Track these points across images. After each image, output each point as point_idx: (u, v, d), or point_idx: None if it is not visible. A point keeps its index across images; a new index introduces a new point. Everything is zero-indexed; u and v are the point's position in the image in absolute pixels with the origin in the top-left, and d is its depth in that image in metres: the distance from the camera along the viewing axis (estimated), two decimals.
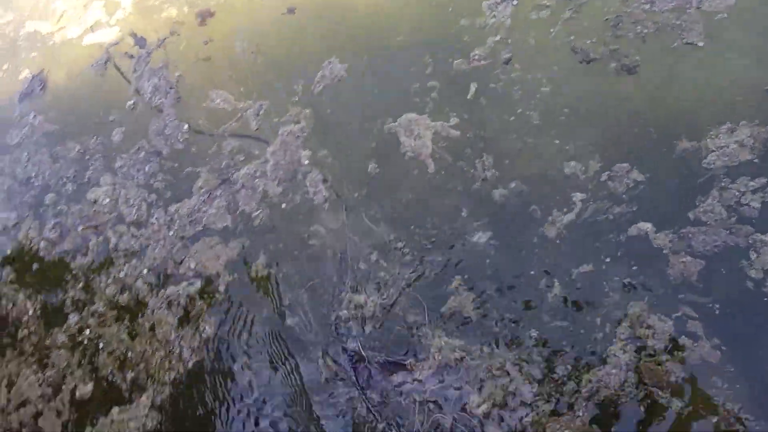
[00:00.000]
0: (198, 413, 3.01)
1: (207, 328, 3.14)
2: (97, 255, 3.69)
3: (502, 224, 2.95)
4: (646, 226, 2.71)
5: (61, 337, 3.47)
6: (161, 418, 3.04)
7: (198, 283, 3.27)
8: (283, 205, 3.36)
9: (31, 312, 3.66)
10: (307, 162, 3.41)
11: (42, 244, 3.87)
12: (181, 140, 3.78)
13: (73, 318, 3.52)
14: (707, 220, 2.64)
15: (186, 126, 3.81)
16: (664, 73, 3.05)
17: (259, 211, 3.34)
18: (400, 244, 3.02)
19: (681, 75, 3.01)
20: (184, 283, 3.28)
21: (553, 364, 2.57)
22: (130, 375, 3.20)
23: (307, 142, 3.51)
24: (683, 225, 2.67)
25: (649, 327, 2.52)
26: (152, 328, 3.26)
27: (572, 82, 3.18)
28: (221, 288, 3.25)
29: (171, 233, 3.46)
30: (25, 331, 3.60)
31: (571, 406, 2.47)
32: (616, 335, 2.54)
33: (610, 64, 3.15)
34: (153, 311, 3.29)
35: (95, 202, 3.86)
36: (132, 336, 3.28)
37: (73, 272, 3.69)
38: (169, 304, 3.24)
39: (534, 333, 2.64)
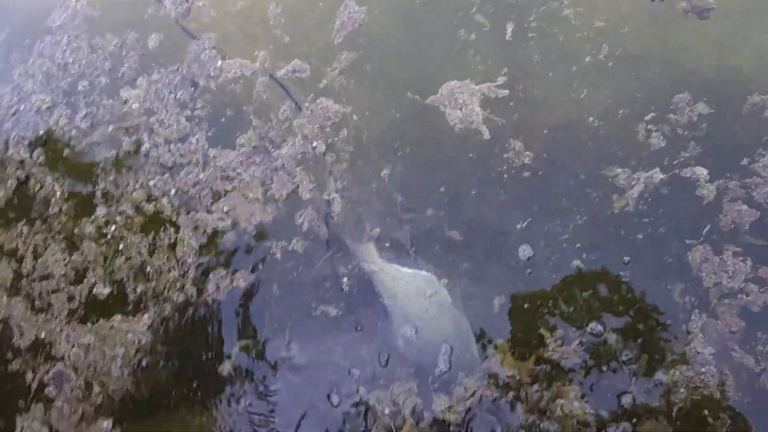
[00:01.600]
0: (194, 343, 3.32)
1: (241, 280, 3.36)
2: (128, 155, 3.84)
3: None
4: (702, 171, 2.78)
5: (89, 228, 3.72)
6: (157, 338, 3.37)
7: (228, 221, 3.45)
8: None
9: (59, 194, 3.89)
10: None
11: (73, 132, 4.03)
12: (212, 75, 3.80)
13: (101, 210, 3.74)
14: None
15: (220, 62, 3.81)
16: (741, 21, 2.90)
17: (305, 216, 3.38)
18: None
19: (761, 25, 2.87)
20: (216, 215, 3.46)
21: None
22: (140, 288, 3.49)
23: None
24: (744, 174, 2.72)
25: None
26: (172, 247, 3.51)
27: (632, 22, 3.05)
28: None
29: (204, 175, 3.60)
30: (56, 209, 3.83)
31: None
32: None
33: (680, 5, 3.03)
34: (177, 229, 3.50)
35: (126, 102, 3.95)
36: (151, 251, 3.54)
37: (102, 166, 3.86)
38: (195, 228, 3.45)
39: None
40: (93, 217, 3.76)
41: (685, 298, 2.67)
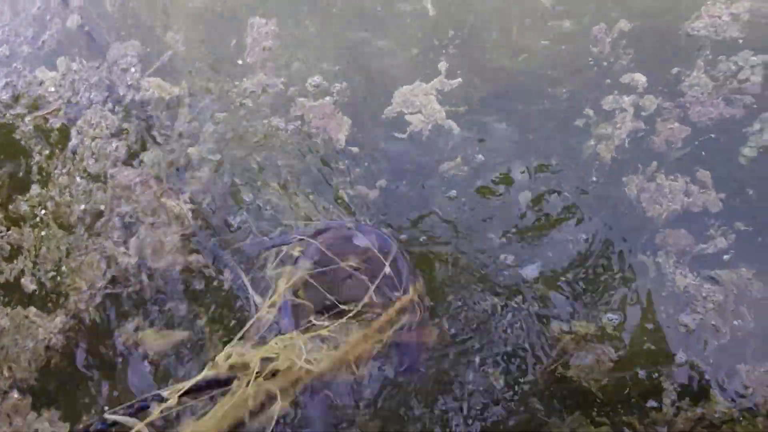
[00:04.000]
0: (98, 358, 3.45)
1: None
2: (56, 135, 3.80)
3: None
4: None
5: (24, 206, 3.79)
6: (66, 344, 3.44)
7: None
8: None
9: None
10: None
11: None
12: (134, 85, 3.61)
13: (35, 189, 3.78)
14: (695, 93, 2.88)
15: (138, 74, 3.60)
16: None
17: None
18: None
19: None
20: (127, 260, 3.48)
21: None
22: (56, 284, 3.55)
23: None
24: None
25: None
26: (81, 266, 3.56)
27: None
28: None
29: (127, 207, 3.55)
30: None
31: None
32: None
33: None
34: (88, 252, 3.56)
35: (41, 84, 3.81)
36: (68, 252, 3.59)
37: (29, 141, 3.81)
38: (109, 260, 3.51)
39: None
40: (28, 195, 3.77)
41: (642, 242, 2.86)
